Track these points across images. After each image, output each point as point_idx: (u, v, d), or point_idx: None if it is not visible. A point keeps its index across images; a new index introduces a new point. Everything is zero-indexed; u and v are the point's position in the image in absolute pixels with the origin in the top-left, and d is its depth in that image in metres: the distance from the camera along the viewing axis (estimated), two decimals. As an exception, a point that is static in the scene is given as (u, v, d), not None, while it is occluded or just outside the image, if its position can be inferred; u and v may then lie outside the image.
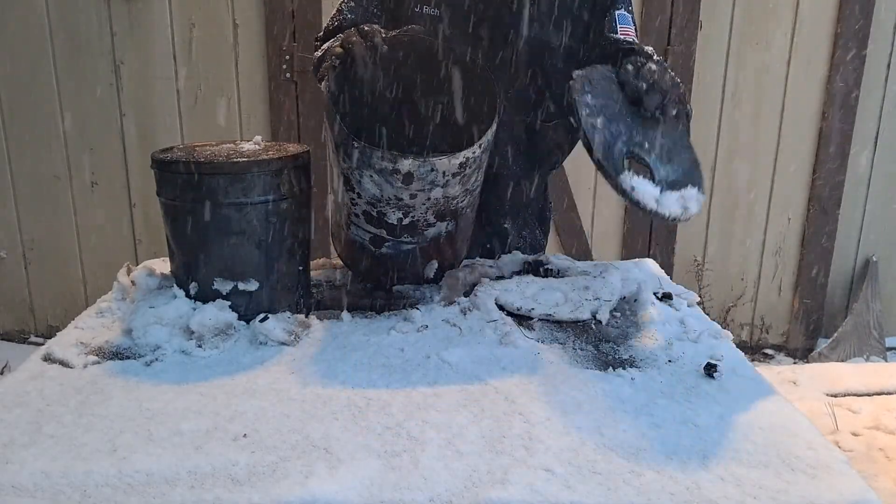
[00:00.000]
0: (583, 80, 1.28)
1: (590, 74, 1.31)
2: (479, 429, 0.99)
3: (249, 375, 1.14)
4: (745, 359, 1.24)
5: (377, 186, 1.28)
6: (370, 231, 1.38)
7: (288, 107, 3.15)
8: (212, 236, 1.26)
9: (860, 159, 3.33)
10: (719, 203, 3.38)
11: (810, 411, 2.49)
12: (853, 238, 3.45)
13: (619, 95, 1.32)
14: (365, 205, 1.33)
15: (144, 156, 3.15)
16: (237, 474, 0.89)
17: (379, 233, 1.38)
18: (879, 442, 2.39)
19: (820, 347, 3.41)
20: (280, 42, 3.07)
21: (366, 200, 1.32)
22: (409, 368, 1.17)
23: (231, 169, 1.23)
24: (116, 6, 3.06)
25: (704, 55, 3.17)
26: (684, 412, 1.05)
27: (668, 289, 1.52)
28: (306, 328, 1.30)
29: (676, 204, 1.25)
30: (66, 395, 1.07)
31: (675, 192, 1.27)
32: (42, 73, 3.12)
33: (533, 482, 0.87)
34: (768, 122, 3.27)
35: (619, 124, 1.29)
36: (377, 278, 1.52)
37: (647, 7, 3.11)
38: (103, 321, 1.35)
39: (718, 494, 0.86)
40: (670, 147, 1.33)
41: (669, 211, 1.24)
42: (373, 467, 0.90)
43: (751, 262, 3.47)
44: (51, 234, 3.34)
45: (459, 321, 1.32)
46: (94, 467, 0.89)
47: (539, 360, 1.20)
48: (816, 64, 3.20)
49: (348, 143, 1.25)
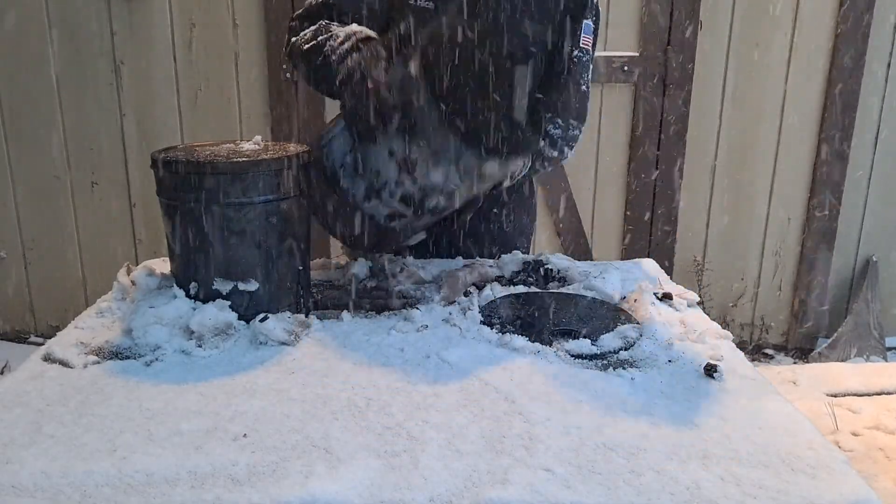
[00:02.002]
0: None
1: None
2: (479, 429, 0.99)
3: (249, 375, 1.14)
4: (745, 359, 1.24)
5: (446, 177, 1.33)
6: (396, 209, 1.41)
7: (288, 107, 3.15)
8: (212, 236, 1.26)
9: (860, 159, 3.33)
10: (719, 203, 3.38)
11: (810, 411, 2.49)
12: (853, 238, 3.45)
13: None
14: (415, 189, 1.36)
15: (144, 156, 3.16)
16: (237, 474, 0.89)
17: (406, 211, 1.42)
18: (879, 442, 2.39)
19: (820, 347, 3.41)
20: (280, 42, 3.07)
21: (420, 186, 1.35)
22: (409, 368, 1.17)
23: (231, 169, 1.23)
24: (116, 6, 3.06)
25: (704, 55, 3.17)
26: (684, 412, 1.05)
27: (668, 289, 1.52)
28: (306, 328, 1.30)
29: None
30: (66, 395, 1.07)
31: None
32: (42, 72, 3.13)
33: (533, 482, 0.87)
34: (768, 122, 3.28)
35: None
36: (370, 246, 1.57)
37: (647, 7, 3.11)
38: (103, 321, 1.35)
39: (718, 494, 0.86)
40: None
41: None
42: (373, 467, 0.90)
43: (751, 262, 3.47)
44: (51, 234, 3.34)
45: (459, 321, 1.32)
46: (94, 467, 0.89)
47: (539, 360, 1.20)
48: (816, 64, 3.20)
49: (447, 148, 1.27)
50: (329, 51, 1.40)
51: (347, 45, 1.38)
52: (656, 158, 3.28)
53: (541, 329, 1.31)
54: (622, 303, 1.45)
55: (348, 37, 1.40)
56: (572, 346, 1.24)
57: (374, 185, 1.39)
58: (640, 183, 3.31)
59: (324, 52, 1.41)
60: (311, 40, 1.46)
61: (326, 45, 1.42)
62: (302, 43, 1.49)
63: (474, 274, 1.55)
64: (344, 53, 1.37)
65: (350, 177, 1.42)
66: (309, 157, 1.37)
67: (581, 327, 1.33)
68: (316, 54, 1.43)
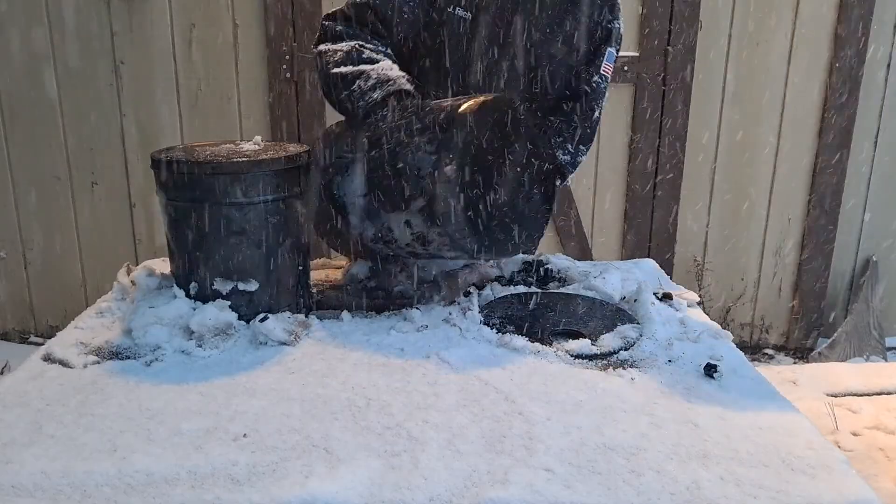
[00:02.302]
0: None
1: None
2: (479, 429, 0.99)
3: (249, 375, 1.14)
4: (745, 359, 1.24)
5: (457, 257, 1.39)
6: (402, 257, 1.45)
7: (288, 107, 3.15)
8: (212, 236, 1.26)
9: (860, 159, 3.32)
10: (719, 203, 3.38)
11: (810, 411, 2.49)
12: (853, 238, 3.45)
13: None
14: (425, 252, 1.37)
15: (144, 156, 3.15)
16: (237, 474, 0.89)
17: (411, 259, 1.47)
18: (879, 442, 2.39)
19: (820, 347, 3.41)
20: (280, 42, 3.07)
21: (431, 253, 1.37)
22: (409, 368, 1.17)
23: (231, 169, 1.23)
24: (116, 6, 3.06)
25: (704, 55, 3.17)
26: (684, 412, 1.05)
27: (668, 289, 1.52)
28: (306, 328, 1.30)
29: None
30: (66, 395, 1.07)
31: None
32: (42, 73, 3.12)
33: (533, 482, 0.87)
34: (768, 122, 3.27)
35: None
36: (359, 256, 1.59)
37: (647, 7, 3.11)
38: (103, 321, 1.35)
39: (718, 494, 0.86)
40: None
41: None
42: (373, 467, 0.90)
43: (751, 262, 3.47)
44: (51, 234, 3.34)
45: (459, 321, 1.32)
46: (94, 467, 0.89)
47: (539, 360, 1.20)
48: (816, 64, 3.20)
49: (464, 239, 1.28)
50: (357, 92, 1.34)
51: (377, 96, 1.33)
52: (656, 158, 3.28)
53: (541, 329, 1.31)
54: (622, 303, 1.45)
55: (380, 82, 1.34)
56: (572, 346, 1.24)
57: (384, 237, 1.36)
58: (640, 183, 3.31)
59: (352, 90, 1.35)
60: (341, 64, 1.40)
61: (356, 84, 1.35)
62: (331, 62, 1.41)
63: (474, 274, 1.55)
64: (372, 104, 1.33)
65: (360, 217, 1.37)
66: (309, 157, 1.37)
67: (581, 327, 1.33)
68: (342, 87, 1.37)
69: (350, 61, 1.39)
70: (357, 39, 1.44)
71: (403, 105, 1.31)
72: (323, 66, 1.43)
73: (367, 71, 1.37)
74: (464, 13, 1.49)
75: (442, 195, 1.24)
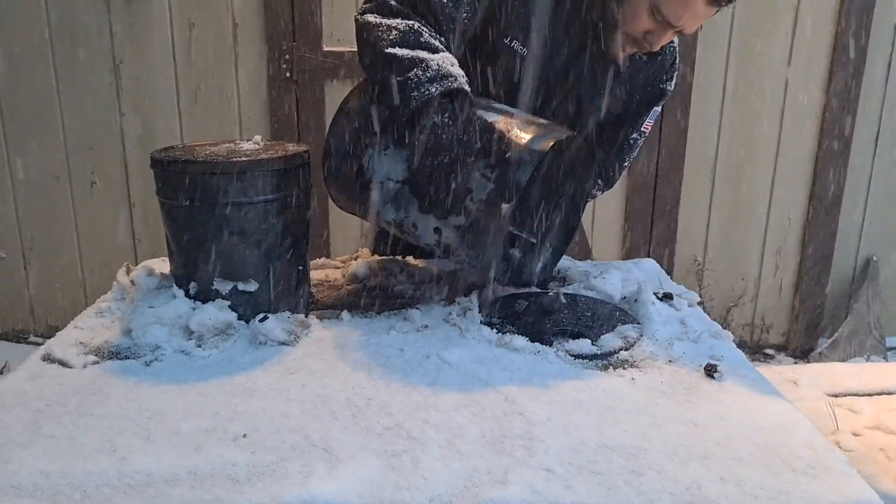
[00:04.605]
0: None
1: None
2: (479, 429, 0.99)
3: (249, 375, 1.14)
4: (745, 359, 1.24)
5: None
6: (417, 241, 1.43)
7: (288, 107, 3.15)
8: (211, 236, 1.26)
9: (860, 159, 3.33)
10: (719, 203, 3.38)
11: (810, 411, 2.48)
12: (853, 238, 3.45)
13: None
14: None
15: (144, 156, 3.15)
16: (237, 474, 0.88)
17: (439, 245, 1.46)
18: (880, 442, 2.39)
19: (820, 347, 3.41)
20: (280, 42, 3.07)
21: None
22: (409, 368, 1.17)
23: (231, 169, 1.23)
24: (116, 6, 3.06)
25: (704, 55, 3.17)
26: (684, 412, 1.05)
27: (669, 289, 1.52)
28: (306, 328, 1.30)
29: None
30: (66, 395, 1.07)
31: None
32: (42, 73, 3.12)
33: (533, 482, 0.87)
34: (768, 122, 3.27)
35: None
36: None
37: (647, 7, 3.11)
38: (103, 321, 1.35)
39: (718, 494, 0.86)
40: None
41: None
42: (373, 467, 0.90)
43: (751, 262, 3.47)
44: (51, 234, 3.34)
45: (459, 321, 1.32)
46: (94, 467, 0.89)
47: (539, 360, 1.20)
48: (816, 64, 3.20)
49: (489, 262, 1.28)
50: (414, 82, 1.19)
51: (435, 90, 1.18)
52: (656, 158, 3.28)
53: (541, 329, 1.31)
54: (622, 303, 1.45)
55: (441, 76, 1.20)
56: (572, 346, 1.24)
57: (405, 227, 1.34)
58: (640, 183, 3.31)
59: (407, 76, 1.20)
60: (396, 44, 1.24)
61: (412, 72, 1.20)
62: (385, 40, 1.26)
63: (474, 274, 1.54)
64: (427, 97, 1.18)
65: (383, 199, 1.33)
66: (309, 157, 1.37)
67: (581, 327, 1.33)
68: (397, 72, 1.21)
69: (406, 44, 1.24)
70: (413, 20, 1.29)
71: (461, 109, 1.21)
72: (375, 42, 1.26)
73: (426, 60, 1.21)
74: (521, 48, 1.47)
75: (486, 226, 1.20)
